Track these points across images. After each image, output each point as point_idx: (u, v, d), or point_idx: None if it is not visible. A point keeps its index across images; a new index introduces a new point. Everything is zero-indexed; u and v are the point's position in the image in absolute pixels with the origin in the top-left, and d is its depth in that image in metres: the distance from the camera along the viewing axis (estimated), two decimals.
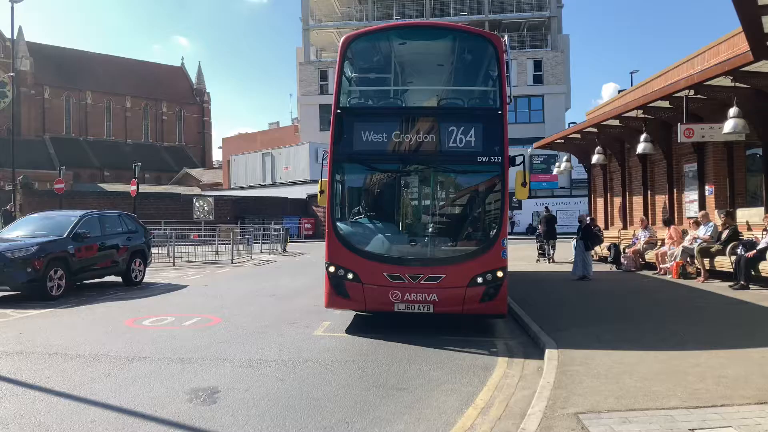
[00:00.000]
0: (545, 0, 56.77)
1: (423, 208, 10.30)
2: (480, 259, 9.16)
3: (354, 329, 9.83)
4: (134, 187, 31.13)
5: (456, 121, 9.52)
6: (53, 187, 35.00)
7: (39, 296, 12.89)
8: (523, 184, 9.41)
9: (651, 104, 16.45)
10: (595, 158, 21.18)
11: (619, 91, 27.80)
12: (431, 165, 9.86)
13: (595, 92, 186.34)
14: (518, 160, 9.50)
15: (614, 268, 18.79)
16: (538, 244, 22.85)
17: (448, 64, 11.55)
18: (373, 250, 9.52)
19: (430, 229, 10.05)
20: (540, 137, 35.99)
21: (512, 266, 18.16)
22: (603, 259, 20.22)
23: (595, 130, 20.70)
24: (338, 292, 9.39)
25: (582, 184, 38.24)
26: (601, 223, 23.31)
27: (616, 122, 19.05)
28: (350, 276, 9.25)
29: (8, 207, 34.24)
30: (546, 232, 22.00)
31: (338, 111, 9.62)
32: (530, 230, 41.86)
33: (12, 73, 40.84)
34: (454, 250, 9.67)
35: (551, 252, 21.98)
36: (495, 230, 9.34)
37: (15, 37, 34.43)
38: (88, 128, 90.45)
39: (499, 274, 9.08)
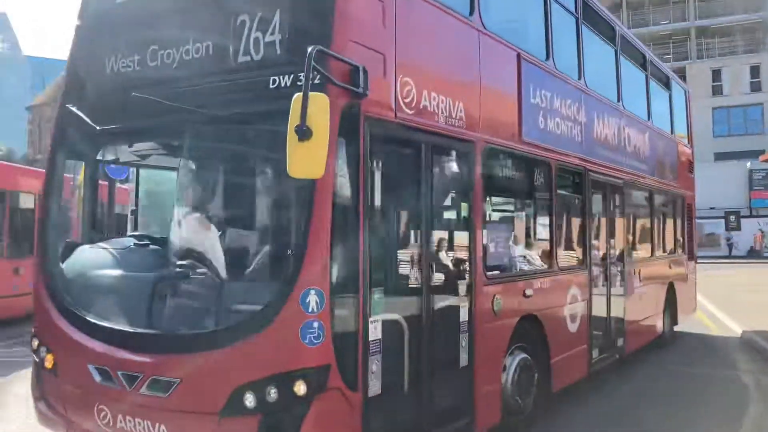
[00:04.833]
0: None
1: (165, 216, 5.10)
2: (251, 343, 3.71)
3: None
4: None
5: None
6: None
7: None
8: (301, 134, 3.34)
9: None
10: None
11: None
12: (191, 118, 4.25)
13: None
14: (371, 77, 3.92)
15: None
16: None
17: None
18: (74, 309, 4.49)
19: (171, 265, 4.49)
20: (760, 150, 32.53)
21: (744, 295, 16.23)
22: None
23: None
24: (38, 393, 4.73)
25: None
26: None
27: None
28: (48, 362, 4.55)
29: None
30: None
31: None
32: (751, 254, 37.01)
33: None
34: (204, 315, 4.26)
35: None
36: (290, 268, 3.78)
37: None
38: None
39: (299, 388, 3.55)
